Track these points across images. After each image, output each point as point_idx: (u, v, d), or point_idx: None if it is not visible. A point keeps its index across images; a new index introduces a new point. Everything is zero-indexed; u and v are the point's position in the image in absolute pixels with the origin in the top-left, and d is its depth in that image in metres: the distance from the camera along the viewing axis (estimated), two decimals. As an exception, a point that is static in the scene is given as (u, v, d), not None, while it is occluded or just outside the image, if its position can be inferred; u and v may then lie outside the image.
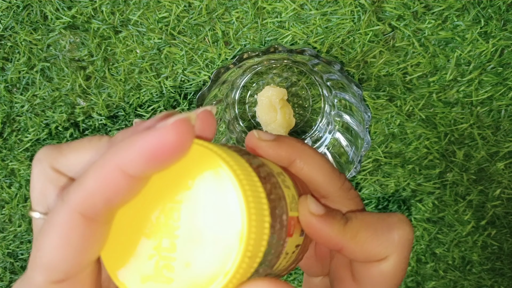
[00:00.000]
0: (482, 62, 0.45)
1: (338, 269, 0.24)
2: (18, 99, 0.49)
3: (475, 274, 0.52)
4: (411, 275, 0.53)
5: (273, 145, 0.22)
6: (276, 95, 0.45)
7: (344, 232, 0.21)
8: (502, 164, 0.48)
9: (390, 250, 0.21)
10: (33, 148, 0.50)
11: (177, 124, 0.15)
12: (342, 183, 0.23)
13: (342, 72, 0.38)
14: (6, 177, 0.51)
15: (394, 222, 0.22)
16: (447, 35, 0.44)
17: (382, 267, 0.21)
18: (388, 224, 0.22)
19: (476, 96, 0.46)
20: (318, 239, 0.21)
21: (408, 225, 0.22)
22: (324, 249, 0.26)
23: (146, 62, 0.47)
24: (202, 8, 0.45)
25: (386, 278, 0.22)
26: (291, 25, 0.45)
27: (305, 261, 0.27)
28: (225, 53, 0.46)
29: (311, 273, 0.28)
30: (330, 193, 0.23)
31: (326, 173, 0.22)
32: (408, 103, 0.46)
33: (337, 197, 0.23)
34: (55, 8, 0.46)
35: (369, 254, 0.21)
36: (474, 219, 0.50)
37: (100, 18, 0.46)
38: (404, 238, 0.22)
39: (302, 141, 0.23)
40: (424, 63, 0.45)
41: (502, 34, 0.44)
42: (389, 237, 0.21)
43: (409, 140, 0.48)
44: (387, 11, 0.44)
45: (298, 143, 0.22)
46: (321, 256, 0.26)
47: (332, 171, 0.23)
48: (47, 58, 0.47)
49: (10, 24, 0.47)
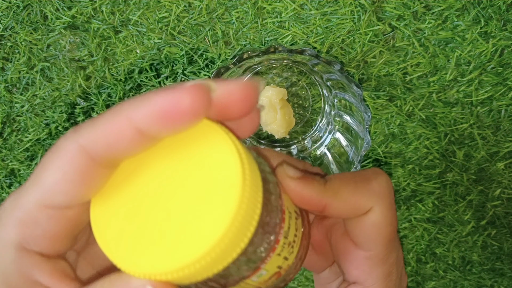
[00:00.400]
0: (482, 62, 0.45)
1: (339, 243, 0.24)
2: (18, 99, 0.49)
3: (475, 274, 0.52)
4: (411, 275, 0.53)
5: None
6: (276, 95, 0.45)
7: (325, 190, 0.21)
8: (502, 164, 0.48)
9: (373, 200, 0.22)
10: (33, 148, 0.50)
11: (193, 88, 0.15)
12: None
13: (342, 72, 0.38)
14: (6, 177, 0.51)
15: (370, 174, 0.23)
16: (447, 35, 0.44)
17: (371, 218, 0.22)
18: (365, 177, 0.22)
19: (476, 96, 0.46)
20: (300, 201, 0.21)
21: (383, 175, 0.23)
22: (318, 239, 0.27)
23: (146, 62, 0.46)
24: (202, 8, 0.45)
25: (379, 228, 0.22)
26: (291, 25, 0.45)
27: (308, 261, 0.27)
28: (225, 53, 0.46)
29: (317, 269, 0.28)
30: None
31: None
32: (408, 103, 0.46)
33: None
34: (55, 8, 0.46)
35: (353, 208, 0.22)
36: (474, 219, 0.50)
37: (100, 18, 0.46)
38: (383, 186, 0.22)
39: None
40: (424, 63, 0.45)
41: (502, 34, 0.44)
42: (369, 188, 0.22)
43: (409, 140, 0.48)
44: (387, 11, 0.44)
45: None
46: (319, 247, 0.27)
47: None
48: (47, 58, 0.47)
49: (10, 24, 0.47)
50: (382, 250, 0.23)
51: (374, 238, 0.22)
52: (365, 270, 0.23)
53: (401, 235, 0.51)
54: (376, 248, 0.22)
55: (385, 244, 0.22)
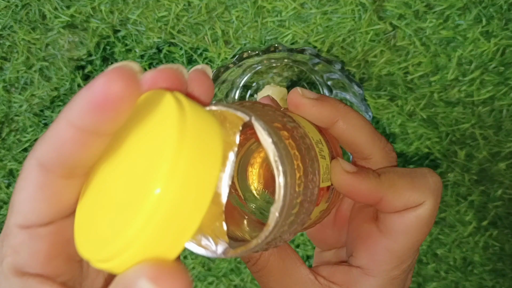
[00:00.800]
0: (484, 62, 0.45)
1: (362, 226, 0.24)
2: (16, 99, 0.48)
3: (476, 275, 0.52)
4: (412, 276, 0.53)
5: (317, 103, 0.22)
6: (277, 95, 0.45)
7: (382, 183, 0.22)
8: (504, 165, 0.48)
9: (427, 195, 0.22)
10: (31, 148, 0.50)
11: (116, 73, 0.14)
12: (385, 144, 0.24)
13: (343, 72, 0.38)
14: (5, 177, 0.51)
15: (426, 172, 0.23)
16: (448, 34, 0.44)
17: (419, 212, 0.22)
18: (421, 172, 0.23)
19: (477, 95, 0.46)
20: (356, 196, 0.22)
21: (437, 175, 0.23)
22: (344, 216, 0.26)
23: (145, 62, 0.46)
24: (202, 7, 0.44)
25: (422, 223, 0.22)
26: (292, 24, 0.44)
27: (320, 234, 0.27)
28: (225, 52, 0.45)
29: (325, 246, 0.28)
30: (373, 153, 0.23)
31: (369, 133, 0.23)
32: (409, 102, 0.46)
33: (380, 158, 0.23)
34: (53, 7, 0.45)
35: (407, 201, 0.22)
36: (475, 219, 0.50)
37: (99, 17, 0.45)
38: (438, 184, 0.22)
39: (344, 103, 0.23)
40: (425, 62, 0.45)
41: (504, 34, 0.44)
42: (426, 182, 0.22)
43: (410, 140, 0.48)
44: (388, 10, 0.44)
45: (341, 104, 0.23)
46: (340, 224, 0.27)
47: (374, 132, 0.23)
48: (46, 58, 0.47)
49: (8, 23, 0.46)
50: (408, 246, 0.22)
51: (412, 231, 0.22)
52: (377, 260, 0.23)
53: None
54: (404, 242, 0.22)
55: (414, 242, 0.22)
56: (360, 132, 0.23)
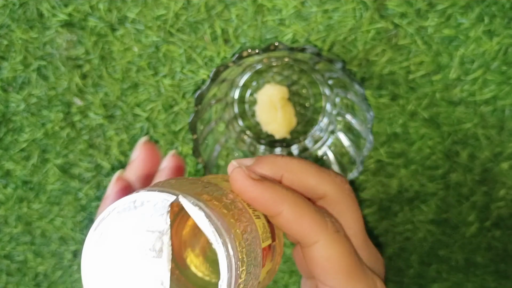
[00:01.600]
0: (486, 61, 0.44)
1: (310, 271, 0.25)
2: (13, 99, 0.48)
3: (478, 276, 0.51)
4: (413, 278, 0.52)
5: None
6: (277, 94, 0.44)
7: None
8: (507, 165, 0.47)
9: (319, 234, 0.22)
10: (29, 148, 0.49)
11: None
12: (335, 176, 0.23)
13: (344, 71, 0.37)
14: (2, 177, 0.51)
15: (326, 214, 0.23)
16: (450, 33, 0.44)
17: (318, 250, 0.22)
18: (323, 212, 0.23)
19: (480, 95, 0.45)
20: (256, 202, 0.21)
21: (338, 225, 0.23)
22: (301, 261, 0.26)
23: (143, 61, 0.46)
24: (201, 6, 0.44)
25: (331, 261, 0.22)
26: (292, 22, 0.44)
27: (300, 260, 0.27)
28: (225, 51, 0.45)
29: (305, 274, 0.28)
30: (326, 190, 0.23)
31: (316, 173, 0.23)
32: (411, 102, 0.46)
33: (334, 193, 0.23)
34: (51, 5, 0.45)
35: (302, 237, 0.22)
36: (478, 220, 0.49)
37: (97, 15, 0.45)
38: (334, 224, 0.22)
39: (282, 155, 0.23)
40: (427, 61, 0.44)
41: (506, 33, 0.43)
42: (322, 223, 0.22)
43: (412, 140, 0.47)
44: (390, 9, 0.43)
45: (278, 157, 0.23)
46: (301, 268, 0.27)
47: (321, 170, 0.23)
48: (44, 57, 0.47)
49: (6, 22, 0.46)
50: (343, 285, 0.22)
51: (328, 272, 0.22)
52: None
53: (403, 237, 0.50)
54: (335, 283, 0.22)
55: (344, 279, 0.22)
56: (306, 175, 0.22)
